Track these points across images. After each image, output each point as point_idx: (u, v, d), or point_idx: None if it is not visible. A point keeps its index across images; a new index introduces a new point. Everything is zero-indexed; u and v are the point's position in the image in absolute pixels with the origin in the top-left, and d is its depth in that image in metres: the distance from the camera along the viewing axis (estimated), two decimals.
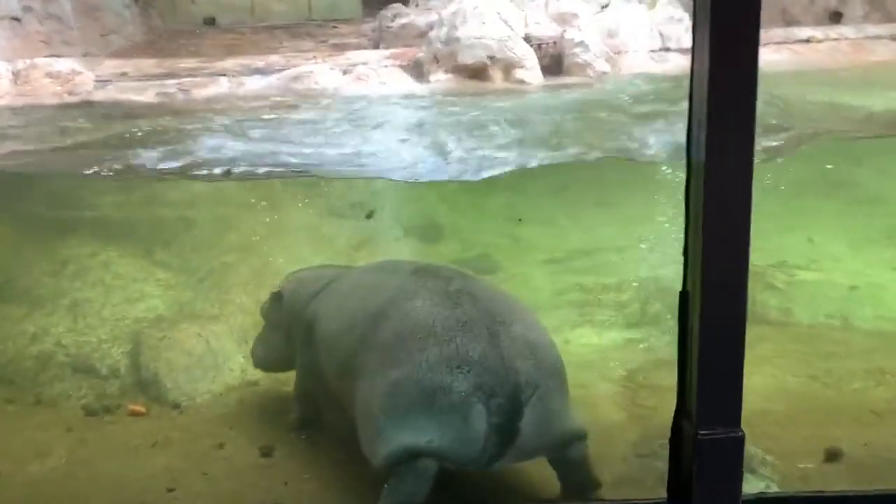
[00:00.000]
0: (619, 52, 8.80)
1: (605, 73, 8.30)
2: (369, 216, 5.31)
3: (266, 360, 4.59)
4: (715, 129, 2.44)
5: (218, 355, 4.95)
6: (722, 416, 2.67)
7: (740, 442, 2.67)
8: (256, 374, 4.77)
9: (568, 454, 3.51)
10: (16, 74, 7.73)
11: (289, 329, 4.37)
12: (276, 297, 4.51)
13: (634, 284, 5.58)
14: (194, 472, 3.88)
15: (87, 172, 5.12)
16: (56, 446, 4.18)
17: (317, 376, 4.09)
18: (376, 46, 9.80)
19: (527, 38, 8.53)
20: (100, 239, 5.60)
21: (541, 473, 3.62)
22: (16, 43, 8.67)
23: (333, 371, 3.90)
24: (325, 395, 4.13)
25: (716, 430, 2.66)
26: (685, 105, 2.57)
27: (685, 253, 2.68)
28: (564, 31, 8.58)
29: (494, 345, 3.44)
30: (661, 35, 9.16)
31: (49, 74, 7.77)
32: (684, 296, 2.71)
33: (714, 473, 2.71)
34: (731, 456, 2.70)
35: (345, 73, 8.19)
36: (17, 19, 8.83)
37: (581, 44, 8.40)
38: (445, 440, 3.34)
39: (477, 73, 8.18)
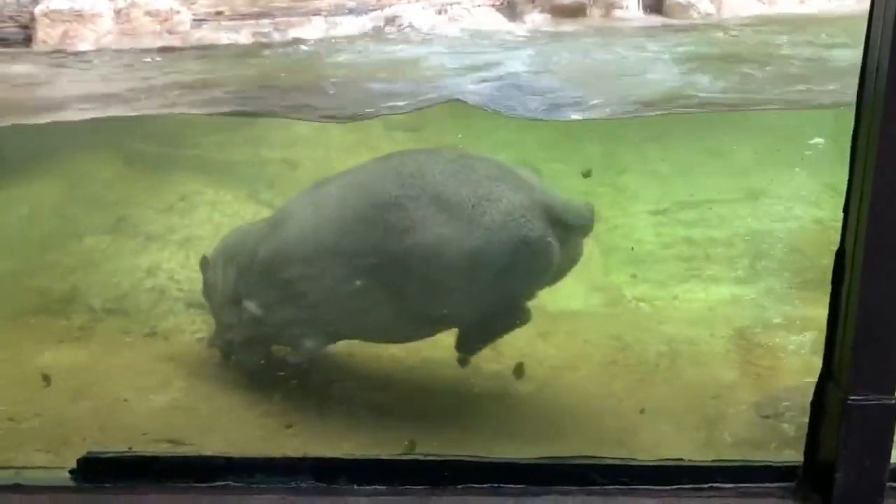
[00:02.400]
0: None
1: (708, 14, 7.91)
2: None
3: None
4: None
5: None
6: (875, 382, 2.54)
7: (892, 410, 2.54)
8: None
9: None
10: (117, 13, 7.84)
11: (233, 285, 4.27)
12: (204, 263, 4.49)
13: (745, 239, 5.37)
14: (309, 409, 3.97)
15: None
16: (175, 378, 4.33)
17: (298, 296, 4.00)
18: None
19: None
20: (206, 177, 5.70)
21: None
22: None
23: (343, 271, 3.81)
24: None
25: (867, 395, 2.53)
26: None
27: (845, 209, 2.52)
28: None
29: (529, 184, 3.76)
30: None
31: (149, 13, 7.85)
32: (841, 254, 2.56)
33: (861, 440, 2.59)
34: (881, 423, 2.57)
35: (439, 12, 8.03)
36: None
37: None
38: (537, 279, 3.76)
39: (574, 12, 7.90)
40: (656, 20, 7.36)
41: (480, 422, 3.85)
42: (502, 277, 3.67)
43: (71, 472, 2.74)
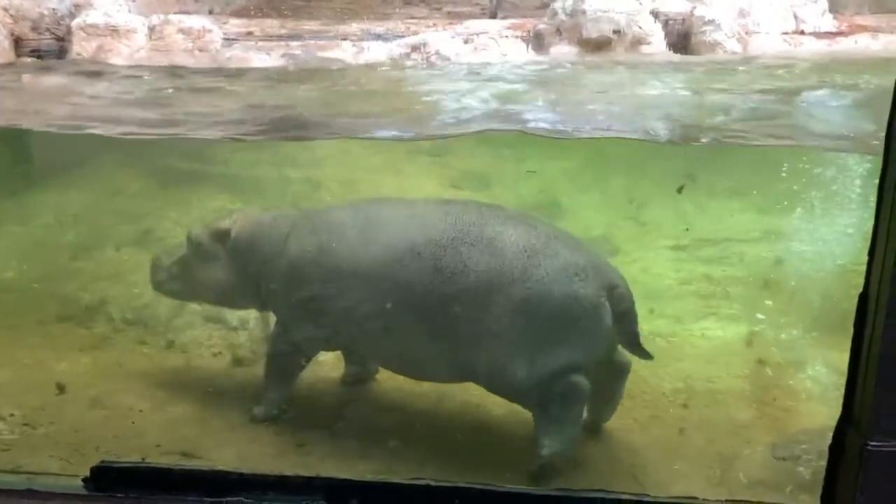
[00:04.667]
0: (749, 33, 8.39)
1: (735, 53, 7.94)
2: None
3: (183, 286, 4.35)
4: None
5: None
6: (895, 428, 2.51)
7: None
8: None
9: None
10: (151, 29, 8.00)
11: (247, 269, 4.15)
12: (222, 233, 4.25)
13: (765, 277, 5.34)
14: (321, 430, 3.97)
15: None
16: (189, 391, 4.35)
17: (329, 317, 3.88)
18: (492, 16, 9.63)
19: (654, 14, 8.24)
20: (231, 194, 5.76)
21: None
22: None
23: (381, 304, 3.70)
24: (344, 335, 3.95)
25: (888, 441, 2.50)
26: None
27: (871, 252, 2.51)
28: (694, 7, 8.23)
29: (587, 250, 3.70)
30: (796, 17, 8.69)
31: (181, 30, 7.99)
32: (864, 297, 2.54)
33: (880, 487, 2.55)
34: None
35: (465, 42, 8.11)
36: None
37: (711, 22, 8.04)
38: (587, 345, 3.57)
39: (600, 46, 7.95)
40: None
41: (492, 450, 3.82)
42: (550, 333, 3.54)
43: (84, 480, 2.75)
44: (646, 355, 3.68)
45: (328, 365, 4.56)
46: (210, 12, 9.45)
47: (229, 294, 4.31)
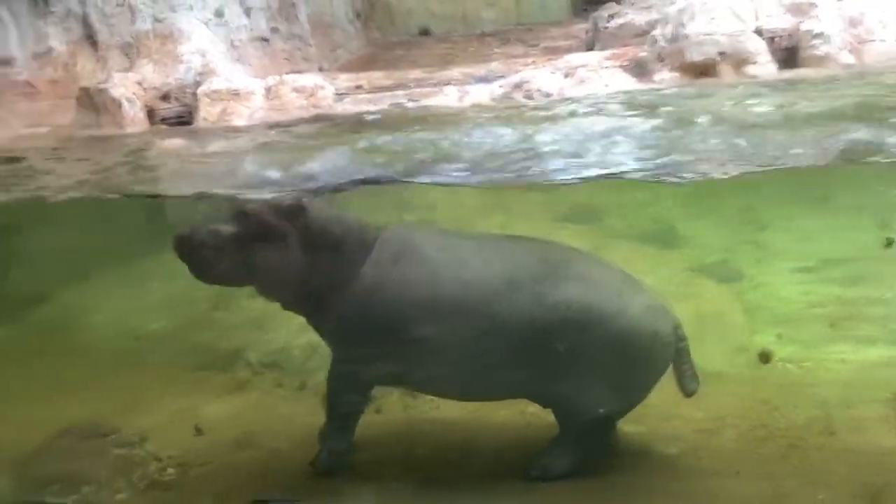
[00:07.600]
0: (862, 42, 8.08)
1: (849, 65, 7.66)
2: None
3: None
4: None
5: None
6: None
7: None
8: None
9: None
10: (267, 90, 8.54)
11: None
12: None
13: None
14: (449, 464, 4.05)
15: None
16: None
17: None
18: (590, 48, 9.68)
19: (758, 32, 8.09)
20: None
21: None
22: (265, 61, 9.55)
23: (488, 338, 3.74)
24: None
25: None
26: None
27: None
28: (801, 21, 8.02)
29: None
30: None
31: (295, 89, 8.49)
32: None
33: None
34: None
35: (566, 76, 8.20)
36: (265, 40, 9.74)
37: (820, 35, 7.82)
38: (654, 380, 3.93)
39: (705, 69, 7.86)
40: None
41: (626, 482, 3.80)
42: (631, 364, 3.81)
43: None
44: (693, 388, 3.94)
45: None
46: (320, 69, 10.01)
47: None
